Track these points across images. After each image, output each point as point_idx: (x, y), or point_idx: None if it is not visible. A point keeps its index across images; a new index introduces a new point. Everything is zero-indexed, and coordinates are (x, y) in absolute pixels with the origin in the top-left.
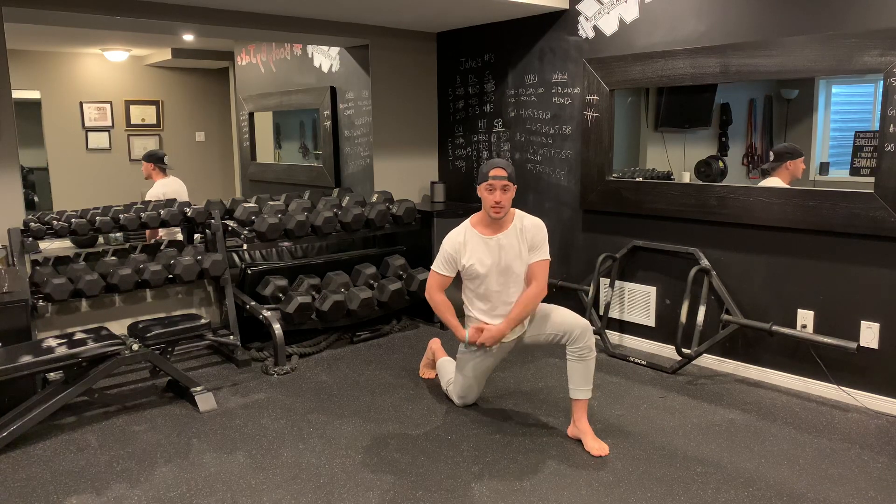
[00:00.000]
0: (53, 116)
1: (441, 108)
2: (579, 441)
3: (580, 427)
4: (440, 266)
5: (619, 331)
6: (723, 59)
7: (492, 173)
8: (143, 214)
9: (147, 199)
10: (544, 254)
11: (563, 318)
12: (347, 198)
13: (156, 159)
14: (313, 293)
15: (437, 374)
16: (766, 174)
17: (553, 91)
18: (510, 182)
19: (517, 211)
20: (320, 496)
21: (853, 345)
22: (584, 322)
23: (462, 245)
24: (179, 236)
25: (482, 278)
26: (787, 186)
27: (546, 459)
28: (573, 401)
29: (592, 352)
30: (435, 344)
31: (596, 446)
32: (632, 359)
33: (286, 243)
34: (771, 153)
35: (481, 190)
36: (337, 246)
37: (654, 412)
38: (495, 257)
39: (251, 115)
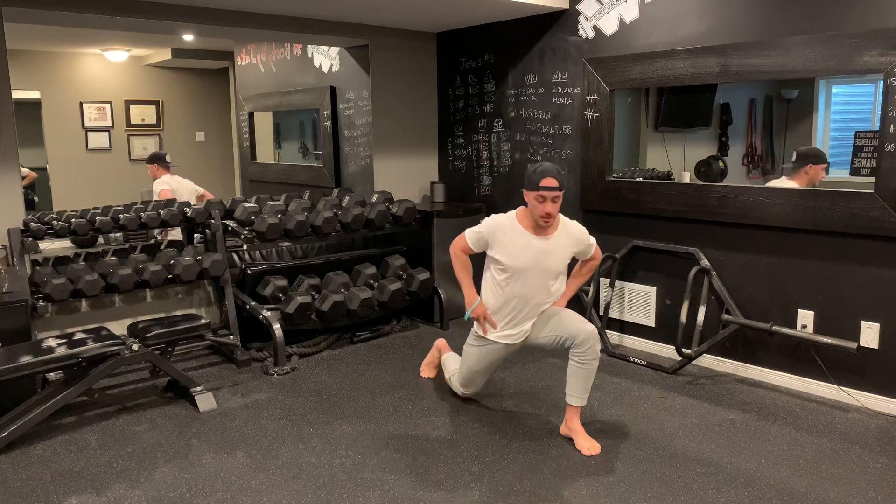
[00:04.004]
0: (53, 116)
1: (441, 108)
2: (571, 439)
3: (572, 427)
4: (472, 237)
5: (619, 331)
6: (723, 59)
7: (543, 183)
8: (143, 214)
9: (153, 195)
10: (594, 242)
11: (571, 320)
12: (347, 198)
13: (158, 159)
14: (313, 293)
15: (441, 361)
16: (784, 173)
17: (553, 91)
18: (561, 192)
19: (560, 216)
20: (320, 496)
21: (853, 345)
22: (591, 328)
23: (500, 234)
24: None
25: (512, 274)
26: (795, 187)
27: (546, 459)
28: (568, 404)
29: (596, 359)
30: (441, 342)
31: (587, 445)
32: (632, 359)
33: (286, 243)
34: (794, 153)
35: (530, 197)
36: (337, 246)
37: (654, 412)
38: (533, 258)
39: (251, 115)
